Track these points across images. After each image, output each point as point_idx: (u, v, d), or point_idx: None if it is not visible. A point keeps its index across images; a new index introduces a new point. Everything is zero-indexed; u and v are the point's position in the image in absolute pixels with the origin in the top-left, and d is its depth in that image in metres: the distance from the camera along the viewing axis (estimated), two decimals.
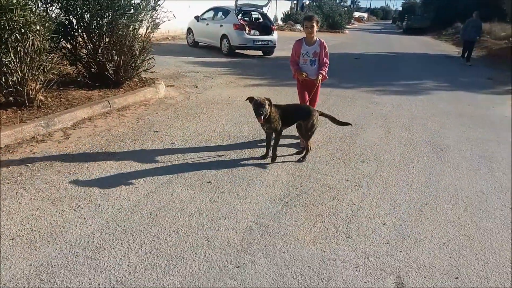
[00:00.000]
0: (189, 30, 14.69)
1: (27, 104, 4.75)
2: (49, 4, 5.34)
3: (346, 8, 43.65)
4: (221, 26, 12.90)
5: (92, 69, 6.17)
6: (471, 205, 3.30)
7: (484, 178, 3.88)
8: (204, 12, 14.32)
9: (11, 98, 4.73)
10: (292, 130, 4.31)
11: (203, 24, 13.86)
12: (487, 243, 2.75)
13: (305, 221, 2.90)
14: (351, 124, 4.31)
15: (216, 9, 14.20)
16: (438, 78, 10.27)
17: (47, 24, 4.57)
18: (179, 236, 2.63)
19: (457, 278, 2.36)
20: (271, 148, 4.01)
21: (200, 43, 14.49)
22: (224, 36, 12.72)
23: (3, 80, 4.54)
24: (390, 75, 10.63)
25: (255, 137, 4.72)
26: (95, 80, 6.02)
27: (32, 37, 4.53)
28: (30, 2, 4.67)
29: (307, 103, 4.33)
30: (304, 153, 4.12)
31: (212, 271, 2.30)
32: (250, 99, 3.77)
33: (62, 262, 2.31)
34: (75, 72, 6.27)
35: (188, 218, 2.86)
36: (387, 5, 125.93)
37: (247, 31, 12.46)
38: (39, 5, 5.04)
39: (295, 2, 35.14)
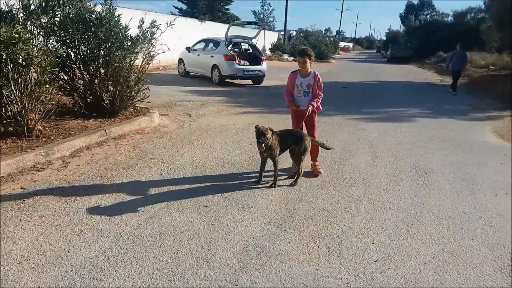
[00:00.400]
0: (180, 60, 15.05)
1: (26, 134, 4.89)
2: (49, 38, 5.59)
3: (332, 39, 45.01)
4: (212, 56, 13.29)
5: (88, 100, 6.35)
6: (454, 225, 3.50)
7: (466, 200, 4.11)
8: (195, 44, 14.76)
9: (10, 128, 4.88)
10: (282, 158, 4.51)
11: (194, 54, 14.25)
12: (468, 259, 2.93)
13: (298, 242, 3.06)
14: (333, 148, 4.77)
15: (206, 41, 14.65)
16: (422, 105, 10.68)
17: (48, 58, 4.77)
18: (179, 258, 2.76)
19: None
20: (263, 173, 4.21)
21: (191, 73, 14.84)
22: (215, 66, 13.09)
23: (3, 111, 4.71)
24: (376, 102, 11.01)
25: (248, 163, 4.91)
26: (91, 110, 6.21)
27: (34, 70, 4.74)
28: (31, 36, 4.91)
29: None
30: (296, 177, 4.31)
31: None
32: (255, 127, 4.00)
33: (69, 284, 2.42)
34: (71, 102, 6.44)
35: (187, 240, 3.00)
36: (371, 34, 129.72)
37: (237, 62, 12.85)
38: (40, 39, 5.27)
39: (282, 33, 36.17)
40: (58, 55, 5.26)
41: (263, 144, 3.86)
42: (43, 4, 5.33)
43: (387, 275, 2.67)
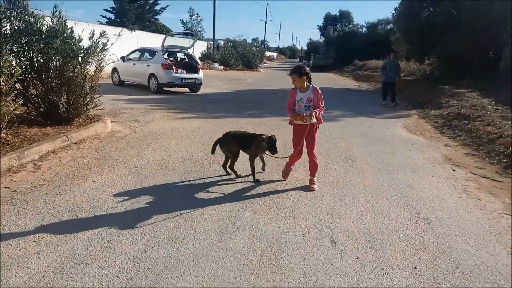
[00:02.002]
0: (114, 70, 15.17)
1: None
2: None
3: (258, 48, 46.83)
4: (148, 65, 13.68)
5: (42, 108, 6.58)
6: (375, 194, 4.54)
7: (383, 177, 5.22)
8: (130, 53, 15.00)
9: None
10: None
11: (129, 64, 14.50)
12: (387, 215, 3.95)
13: (261, 212, 3.86)
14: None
15: (142, 50, 14.98)
16: (344, 107, 12.12)
17: (15, 68, 5.07)
18: (170, 228, 3.41)
19: (369, 235, 3.48)
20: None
21: (126, 82, 15.03)
22: (152, 75, 13.49)
23: None
24: None
25: (206, 159, 5.60)
26: (46, 118, 6.45)
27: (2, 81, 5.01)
28: None
29: (303, 148, 4.76)
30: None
31: (203, 245, 3.14)
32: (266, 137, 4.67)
33: (85, 251, 2.97)
34: (25, 111, 6.60)
35: (172, 217, 3.65)
36: (293, 44, 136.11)
37: (174, 70, 13.39)
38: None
39: (211, 42, 37.02)
40: (23, 65, 5.52)
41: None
42: None
43: (331, 227, 3.58)
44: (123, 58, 14.60)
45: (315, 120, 4.59)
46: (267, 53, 67.30)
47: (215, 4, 34.32)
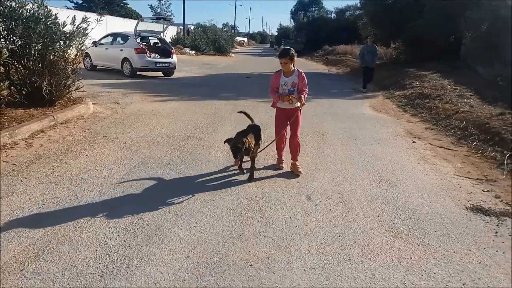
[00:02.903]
0: (86, 54, 15.01)
1: None
2: None
3: (229, 34, 46.77)
4: (121, 50, 13.72)
5: (24, 91, 6.72)
6: (344, 162, 5.10)
7: (351, 148, 5.79)
8: (102, 38, 14.92)
9: None
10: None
11: (101, 48, 14.45)
12: (354, 177, 4.51)
13: (245, 179, 4.32)
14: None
15: (114, 35, 14.95)
16: (315, 90, 12.62)
17: (2, 51, 5.25)
18: (167, 190, 3.82)
19: (339, 193, 4.02)
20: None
21: (98, 67, 14.99)
22: (125, 59, 13.56)
23: None
24: None
25: (189, 136, 5.98)
26: (30, 100, 6.62)
27: None
28: None
29: (286, 133, 4.74)
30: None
31: (197, 203, 3.58)
32: (228, 141, 4.19)
33: (92, 212, 3.34)
34: (9, 94, 6.72)
35: (166, 182, 4.05)
36: (263, 30, 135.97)
37: (147, 54, 13.51)
38: None
39: (181, 27, 36.74)
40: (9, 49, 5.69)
41: (238, 159, 4.09)
42: None
43: (306, 188, 4.10)
44: (95, 43, 14.50)
45: (299, 104, 4.55)
46: (238, 38, 67.19)
47: None
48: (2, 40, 6.01)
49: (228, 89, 12.12)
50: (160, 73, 14.54)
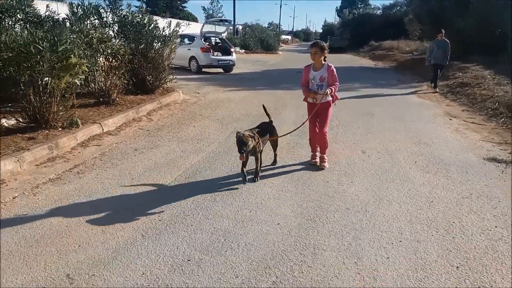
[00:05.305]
0: None
1: (111, 102, 7.16)
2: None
3: (275, 32, 48.33)
4: (189, 49, 15.63)
5: (131, 82, 8.59)
6: (391, 132, 6.43)
7: (397, 123, 7.09)
8: None
9: (101, 99, 7.13)
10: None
11: None
12: (398, 141, 5.85)
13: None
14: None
15: (182, 36, 16.89)
16: (363, 81, 13.90)
17: (125, 51, 7.11)
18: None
19: (386, 150, 5.40)
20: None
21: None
22: (192, 58, 15.46)
23: (96, 88, 6.97)
24: None
25: (260, 115, 7.52)
26: (137, 89, 8.48)
27: (115, 60, 7.04)
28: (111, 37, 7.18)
29: (317, 125, 4.63)
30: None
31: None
32: (236, 135, 3.91)
33: (214, 156, 4.96)
34: (122, 84, 8.61)
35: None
36: (307, 27, 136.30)
37: (212, 53, 15.32)
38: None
39: (231, 27, 38.71)
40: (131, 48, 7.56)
41: (244, 154, 3.87)
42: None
43: (361, 146, 5.51)
44: None
45: (331, 98, 4.47)
46: (282, 37, 68.57)
47: None
48: (125, 42, 7.88)
49: (283, 81, 13.61)
50: (220, 70, 16.32)
